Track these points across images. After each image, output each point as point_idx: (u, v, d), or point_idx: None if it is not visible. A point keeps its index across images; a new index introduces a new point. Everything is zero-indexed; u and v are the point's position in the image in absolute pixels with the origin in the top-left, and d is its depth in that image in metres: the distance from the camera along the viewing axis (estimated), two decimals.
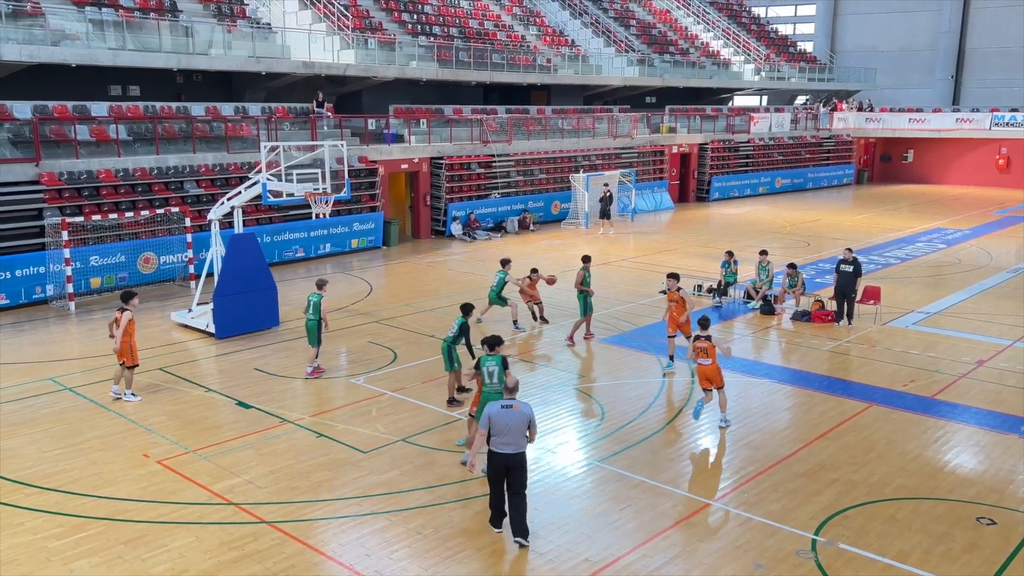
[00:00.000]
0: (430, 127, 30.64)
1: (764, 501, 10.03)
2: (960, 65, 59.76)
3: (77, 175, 21.58)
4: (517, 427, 8.92)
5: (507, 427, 8.89)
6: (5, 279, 18.92)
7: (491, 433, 8.98)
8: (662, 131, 40.23)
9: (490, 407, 9.06)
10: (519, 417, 8.94)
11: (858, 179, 49.90)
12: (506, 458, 8.96)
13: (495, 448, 9.00)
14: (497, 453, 9.00)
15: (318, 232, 25.44)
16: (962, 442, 11.86)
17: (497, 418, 8.93)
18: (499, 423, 8.92)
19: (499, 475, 9.07)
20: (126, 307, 13.25)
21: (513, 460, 8.98)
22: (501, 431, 8.91)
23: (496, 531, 9.25)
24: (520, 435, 8.97)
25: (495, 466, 9.05)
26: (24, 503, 9.92)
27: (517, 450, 8.98)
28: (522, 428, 8.96)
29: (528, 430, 9.04)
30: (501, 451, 8.97)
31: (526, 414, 9.00)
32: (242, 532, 9.26)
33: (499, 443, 8.96)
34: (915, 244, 28.44)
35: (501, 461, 8.98)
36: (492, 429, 8.95)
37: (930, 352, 16.01)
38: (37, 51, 22.18)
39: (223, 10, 28.64)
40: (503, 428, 8.90)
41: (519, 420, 8.93)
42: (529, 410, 9.08)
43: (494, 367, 10.55)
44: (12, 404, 13.16)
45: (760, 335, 17.64)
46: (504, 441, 8.93)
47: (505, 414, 8.94)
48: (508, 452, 8.95)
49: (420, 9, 36.63)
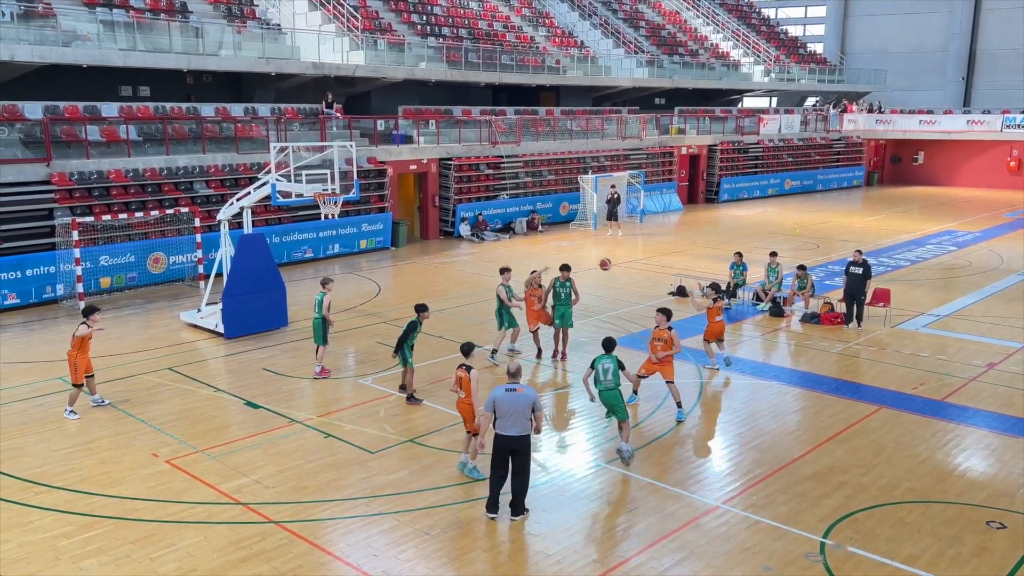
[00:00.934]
0: (439, 128, 30.67)
1: (772, 504, 10.00)
2: (971, 67, 59.51)
3: (88, 175, 21.68)
4: (521, 410, 9.30)
5: (512, 409, 9.26)
6: (16, 278, 19.03)
7: (496, 416, 9.33)
8: (671, 132, 40.18)
9: (495, 391, 9.44)
10: (523, 400, 9.33)
11: (868, 181, 49.73)
12: (510, 440, 9.31)
13: (500, 430, 9.37)
14: (502, 435, 9.35)
15: (327, 233, 25.49)
16: (972, 445, 11.80)
17: (502, 401, 9.31)
18: (504, 406, 9.28)
19: (502, 457, 9.43)
20: (86, 321, 12.60)
21: (517, 442, 9.33)
22: (505, 413, 9.28)
23: (490, 516, 9.47)
24: (524, 417, 9.33)
25: (499, 448, 9.41)
26: (33, 502, 9.97)
27: (522, 432, 9.35)
28: (525, 411, 9.34)
29: (533, 414, 9.38)
30: (506, 433, 9.32)
31: (530, 397, 9.39)
32: (250, 532, 9.28)
33: (504, 425, 9.32)
34: (925, 246, 28.31)
35: (505, 443, 9.34)
36: (497, 412, 9.34)
37: (940, 355, 15.93)
38: (48, 52, 22.30)
39: (233, 11, 28.74)
40: (508, 410, 9.27)
41: (523, 403, 9.32)
42: (533, 394, 9.47)
43: (609, 365, 11.04)
44: (22, 403, 13.22)
45: (769, 337, 17.58)
46: (509, 423, 9.29)
47: (510, 397, 9.31)
48: (513, 434, 9.31)
49: (429, 10, 36.68)
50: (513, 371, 9.69)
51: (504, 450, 9.36)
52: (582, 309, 19.09)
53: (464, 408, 10.66)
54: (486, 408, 9.48)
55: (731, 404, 13.48)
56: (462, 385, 10.57)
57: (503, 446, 9.35)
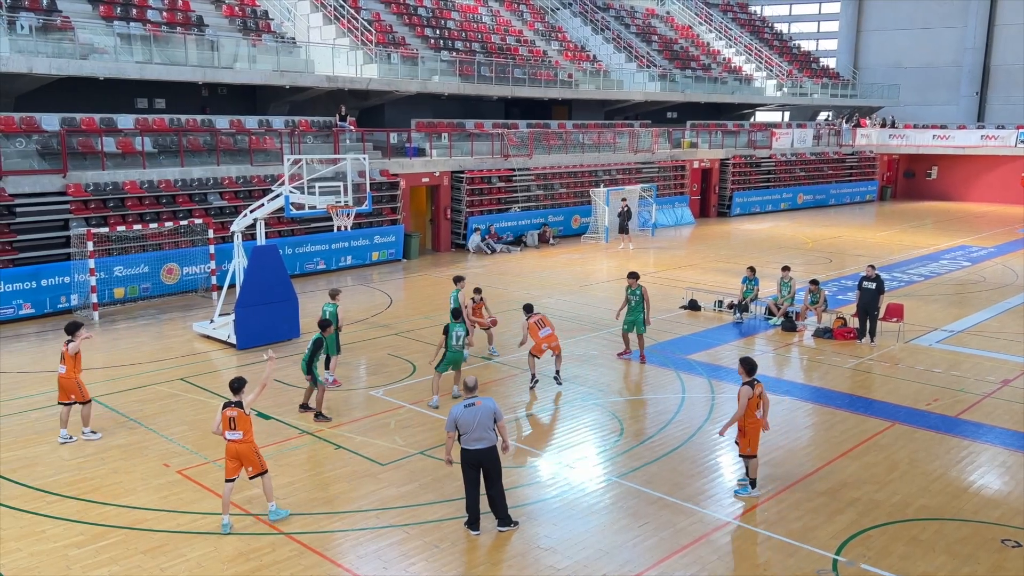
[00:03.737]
0: (451, 141, 30.79)
1: (784, 520, 9.93)
2: (985, 82, 59.28)
3: (103, 186, 21.86)
4: (483, 422, 9.31)
5: (473, 423, 9.28)
6: (31, 288, 19.17)
7: (460, 432, 9.36)
8: (683, 146, 40.18)
9: (454, 409, 9.43)
10: (483, 412, 9.33)
11: (881, 196, 49.56)
12: (478, 454, 9.34)
13: (466, 446, 9.38)
14: (469, 450, 9.37)
15: (339, 244, 25.59)
16: (987, 462, 11.69)
17: (462, 417, 9.33)
18: (464, 421, 9.31)
19: (474, 473, 9.43)
20: (72, 338, 12.05)
21: (485, 455, 9.36)
22: (467, 428, 9.31)
23: (474, 534, 9.45)
24: (487, 428, 9.35)
25: (469, 464, 9.40)
26: (46, 511, 10.01)
27: (488, 444, 9.36)
28: (487, 422, 9.35)
29: (496, 423, 9.41)
30: (472, 447, 9.35)
31: (490, 408, 9.40)
32: (260, 543, 9.29)
33: (469, 440, 9.35)
34: (939, 261, 28.16)
35: (474, 457, 9.36)
36: (460, 429, 9.35)
37: (954, 371, 15.82)
38: (66, 64, 22.54)
39: (248, 25, 29.00)
40: (469, 425, 9.29)
41: (484, 415, 9.33)
42: (492, 404, 9.49)
43: (461, 332, 12.76)
44: (36, 412, 13.29)
45: (781, 352, 17.51)
46: (473, 438, 9.32)
47: (470, 412, 9.33)
48: (480, 448, 9.34)
49: (443, 24, 36.89)
50: (471, 385, 9.60)
51: (474, 465, 9.37)
52: (594, 322, 19.09)
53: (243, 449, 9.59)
54: (448, 428, 9.45)
55: None
56: (236, 424, 9.48)
57: (472, 461, 9.36)
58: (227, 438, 9.54)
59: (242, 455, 9.55)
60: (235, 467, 9.59)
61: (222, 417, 9.51)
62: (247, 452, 9.56)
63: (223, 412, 9.53)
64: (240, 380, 9.72)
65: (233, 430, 9.46)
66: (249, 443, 9.56)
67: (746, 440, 10.40)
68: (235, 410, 9.49)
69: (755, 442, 10.41)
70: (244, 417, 9.49)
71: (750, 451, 10.44)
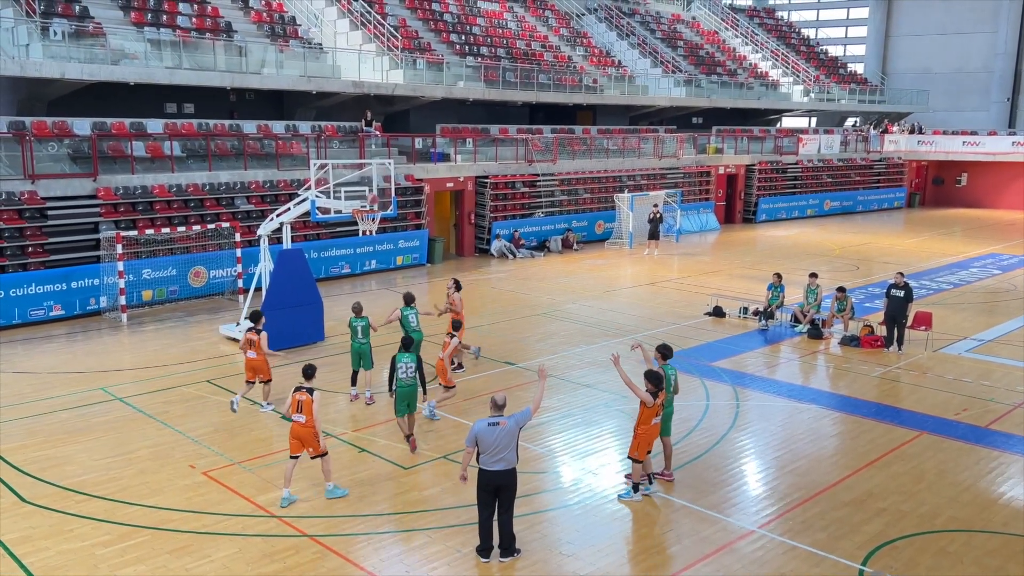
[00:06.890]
0: (476, 146, 30.86)
1: (810, 529, 9.83)
2: (1016, 88, 58.45)
3: (132, 190, 22.14)
4: (505, 444, 8.81)
5: (494, 444, 8.78)
6: (61, 290, 19.45)
7: (479, 451, 8.88)
8: (709, 152, 40.00)
9: (477, 424, 8.94)
10: (507, 434, 8.83)
11: (909, 202, 48.98)
12: (496, 476, 8.84)
13: (484, 466, 8.88)
14: (487, 471, 8.88)
15: (364, 249, 25.72)
16: (1017, 474, 11.51)
17: (483, 434, 8.82)
18: (485, 440, 8.81)
19: (488, 497, 8.95)
20: (259, 327, 13.47)
21: (502, 477, 8.87)
22: (487, 447, 8.81)
23: (484, 561, 9.04)
24: (511, 451, 8.86)
25: (484, 486, 8.92)
26: (74, 510, 10.14)
27: (508, 466, 8.87)
28: (511, 444, 8.86)
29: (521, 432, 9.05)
30: (492, 468, 8.85)
31: (514, 431, 8.90)
32: (284, 544, 9.35)
33: (488, 461, 8.85)
34: (968, 269, 27.79)
35: (491, 480, 8.87)
36: (480, 447, 8.86)
37: (984, 380, 15.59)
38: (98, 70, 22.88)
39: (276, 31, 29.27)
40: (489, 445, 8.80)
41: (507, 437, 8.83)
42: (514, 424, 8.93)
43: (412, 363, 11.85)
44: (65, 412, 13.48)
45: (807, 359, 17.35)
46: (494, 459, 8.81)
47: (491, 431, 8.82)
48: (499, 469, 8.84)
49: (468, 30, 37.02)
50: (500, 403, 9.07)
51: (489, 488, 8.88)
52: (618, 328, 19.03)
53: (304, 432, 10.31)
54: (467, 443, 9.01)
55: (768, 427, 13.31)
56: (302, 408, 10.24)
57: (488, 483, 8.86)
58: (292, 419, 10.35)
59: (302, 437, 10.31)
60: (297, 445, 10.38)
61: (292, 400, 10.36)
62: (307, 435, 10.28)
63: (293, 395, 10.39)
64: (311, 367, 10.65)
65: (299, 412, 10.24)
66: (310, 427, 10.23)
67: (635, 443, 10.39)
68: (304, 395, 10.25)
69: (644, 448, 10.39)
70: (309, 402, 10.17)
71: (637, 455, 10.42)
